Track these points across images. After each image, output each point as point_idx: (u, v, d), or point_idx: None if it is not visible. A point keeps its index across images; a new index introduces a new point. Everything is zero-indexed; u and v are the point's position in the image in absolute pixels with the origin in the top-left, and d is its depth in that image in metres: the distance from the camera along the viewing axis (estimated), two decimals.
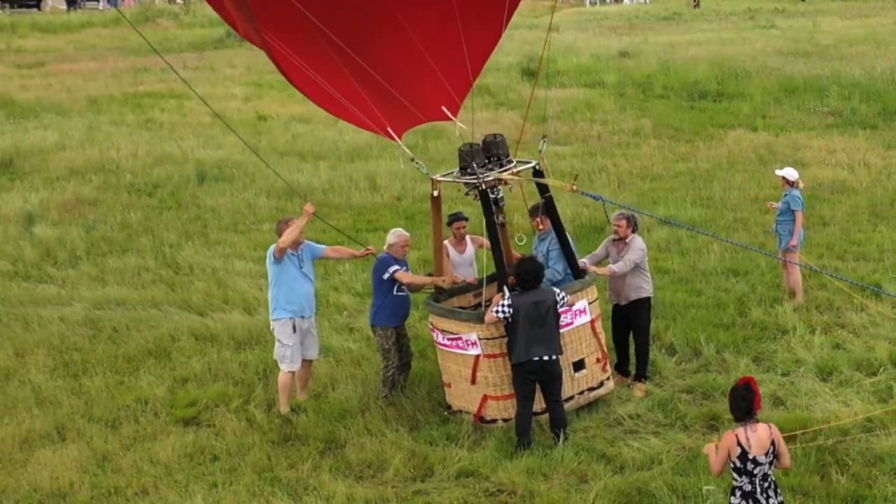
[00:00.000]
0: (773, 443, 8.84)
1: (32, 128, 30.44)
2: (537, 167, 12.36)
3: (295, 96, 27.84)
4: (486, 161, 12.24)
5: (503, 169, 12.22)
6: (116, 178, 24.42)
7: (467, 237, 13.32)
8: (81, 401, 13.11)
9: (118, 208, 21.74)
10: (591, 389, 12.35)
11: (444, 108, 12.97)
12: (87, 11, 71.38)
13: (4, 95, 35.51)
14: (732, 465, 8.83)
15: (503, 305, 11.40)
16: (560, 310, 11.56)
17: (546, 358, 11.34)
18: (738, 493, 8.86)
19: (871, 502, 10.24)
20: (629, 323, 13.00)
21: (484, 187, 12.00)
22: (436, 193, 12.38)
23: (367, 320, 13.27)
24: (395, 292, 12.63)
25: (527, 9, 67.67)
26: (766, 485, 8.84)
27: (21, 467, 11.56)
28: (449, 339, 12.11)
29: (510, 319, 11.38)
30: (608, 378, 12.60)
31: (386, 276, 12.56)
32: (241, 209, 21.43)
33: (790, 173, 15.47)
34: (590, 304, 12.36)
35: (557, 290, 11.65)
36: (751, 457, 8.74)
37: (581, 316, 12.17)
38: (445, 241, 13.19)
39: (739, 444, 8.75)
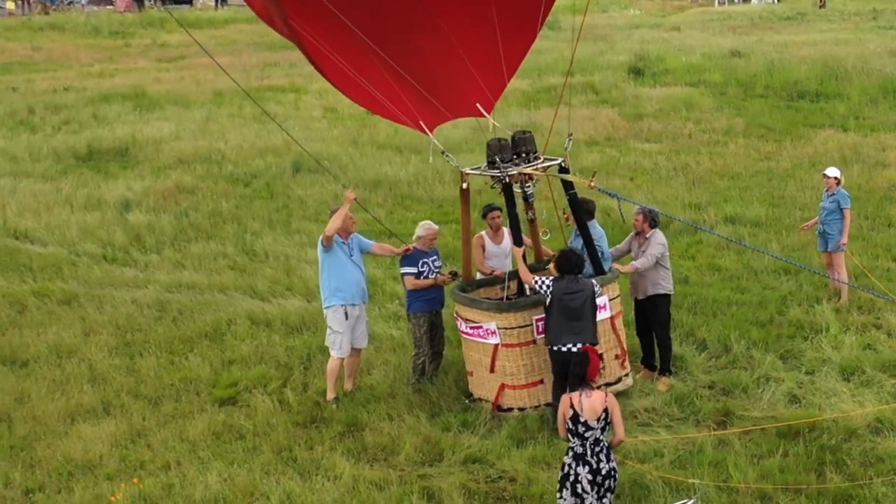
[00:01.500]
0: (605, 410, 9.28)
1: (154, 119, 31.61)
2: (563, 164, 12.57)
3: None
4: (514, 156, 12.52)
5: (528, 165, 12.47)
6: (219, 167, 25.27)
7: (504, 228, 13.47)
8: (132, 379, 13.76)
9: (212, 197, 22.50)
10: (608, 385, 12.45)
11: (478, 104, 13.29)
12: (232, 8, 73.26)
13: (138, 88, 36.80)
14: (567, 427, 9.31)
15: (544, 281, 11.70)
16: (598, 301, 11.80)
17: (574, 349, 11.48)
18: (570, 454, 9.35)
19: (860, 502, 10.25)
20: (648, 318, 13.16)
21: (508, 181, 12.28)
22: (465, 186, 12.69)
23: None
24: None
25: (656, 8, 67.33)
26: (597, 449, 9.29)
27: (59, 440, 12.20)
28: (471, 328, 12.41)
29: (547, 300, 11.63)
30: (626, 374, 12.77)
31: (401, 272, 13.07)
32: (328, 199, 21.88)
33: (837, 171, 15.43)
34: (610, 300, 12.54)
35: (595, 282, 11.89)
36: (582, 419, 9.22)
37: (601, 312, 12.28)
38: (482, 232, 13.51)
39: (572, 406, 9.28)
